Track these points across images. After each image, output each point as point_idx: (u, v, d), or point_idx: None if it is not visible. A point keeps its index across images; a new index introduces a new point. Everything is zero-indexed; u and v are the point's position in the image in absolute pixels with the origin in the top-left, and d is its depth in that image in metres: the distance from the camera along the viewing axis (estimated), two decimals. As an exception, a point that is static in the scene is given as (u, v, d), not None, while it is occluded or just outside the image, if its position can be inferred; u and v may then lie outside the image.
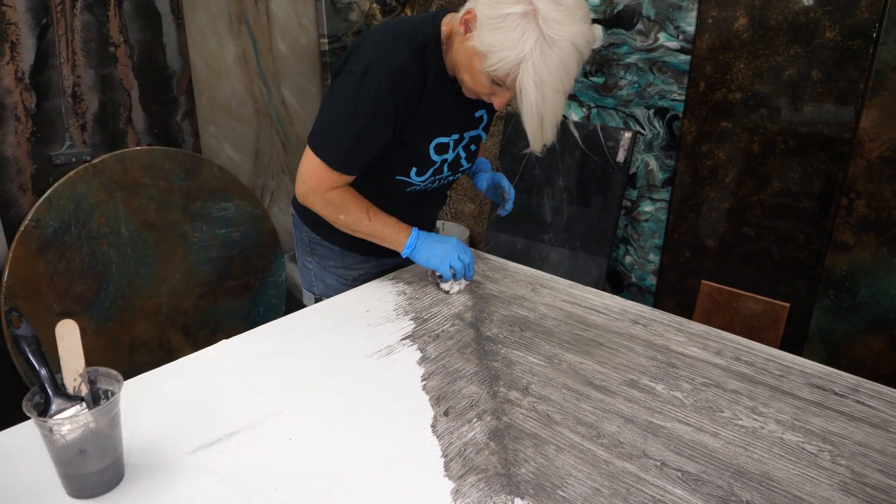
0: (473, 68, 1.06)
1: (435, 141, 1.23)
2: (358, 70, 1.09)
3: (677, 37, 2.17)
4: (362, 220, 1.22)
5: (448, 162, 1.28)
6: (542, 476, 0.78)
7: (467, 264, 1.25)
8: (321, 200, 1.20)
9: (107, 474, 0.74)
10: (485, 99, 1.14)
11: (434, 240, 1.25)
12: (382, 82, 1.08)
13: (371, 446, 0.83)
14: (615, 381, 0.99)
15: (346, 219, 1.21)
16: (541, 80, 0.97)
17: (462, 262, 1.24)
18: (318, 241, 1.41)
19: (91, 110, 2.08)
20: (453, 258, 1.23)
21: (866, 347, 1.97)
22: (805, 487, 0.77)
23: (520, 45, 0.97)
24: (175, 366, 1.00)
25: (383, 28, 1.15)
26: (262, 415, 0.88)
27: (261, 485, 0.76)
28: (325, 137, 1.15)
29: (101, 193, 2.06)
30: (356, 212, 1.21)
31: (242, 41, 2.55)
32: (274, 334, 1.11)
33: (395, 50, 1.10)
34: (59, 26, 1.94)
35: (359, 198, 1.22)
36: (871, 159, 1.85)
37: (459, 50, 1.10)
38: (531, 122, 1.02)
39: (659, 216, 2.40)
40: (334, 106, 1.13)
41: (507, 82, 1.02)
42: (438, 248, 1.23)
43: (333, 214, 1.22)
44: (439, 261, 1.23)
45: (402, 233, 1.24)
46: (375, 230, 1.23)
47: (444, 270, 1.24)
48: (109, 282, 2.13)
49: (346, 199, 1.21)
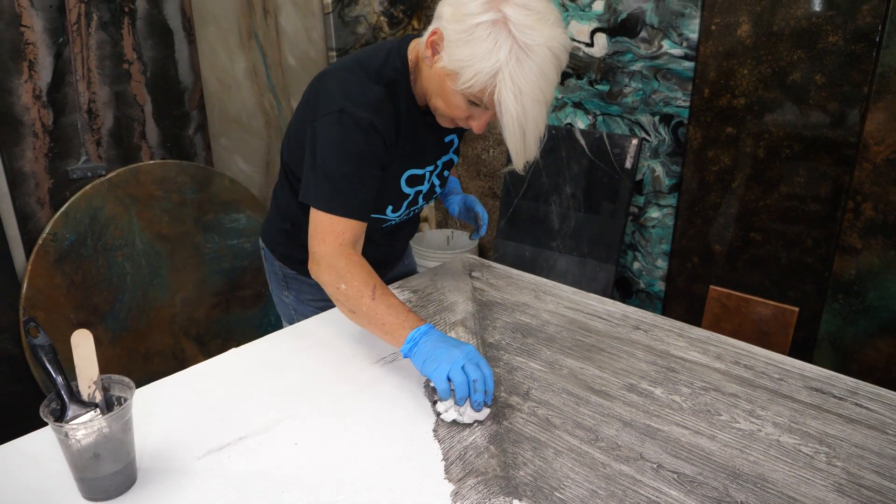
0: (446, 91, 0.99)
1: (407, 174, 1.16)
2: (333, 109, 1.02)
3: (681, 44, 2.18)
4: (364, 296, 0.98)
5: (423, 193, 1.22)
6: (540, 478, 0.80)
7: (473, 381, 0.88)
8: (325, 265, 1.03)
9: (120, 477, 0.77)
10: (461, 125, 1.06)
11: (442, 340, 0.94)
12: (363, 115, 1.01)
13: (374, 450, 0.85)
14: (615, 386, 1.00)
15: (347, 289, 1.00)
16: (519, 90, 0.91)
17: (466, 376, 0.89)
18: (293, 276, 1.33)
19: (106, 126, 2.13)
20: (455, 368, 0.89)
21: (876, 351, 1.96)
22: (800, 488, 0.78)
23: (493, 55, 0.90)
24: (186, 373, 1.03)
25: (345, 65, 1.08)
26: (269, 420, 0.91)
27: (268, 488, 0.78)
28: (323, 188, 1.03)
29: (115, 207, 2.11)
30: (359, 284, 0.99)
31: (252, 55, 2.60)
32: (282, 342, 1.14)
33: (364, 86, 1.04)
34: (74, 45, 2.00)
35: (368, 270, 1.02)
36: (877, 162, 1.85)
37: (429, 75, 1.03)
38: (513, 136, 0.95)
39: (666, 222, 2.41)
40: (322, 153, 1.03)
41: (485, 99, 0.95)
42: (443, 351, 0.91)
43: (334, 283, 1.01)
44: (436, 367, 0.90)
45: (408, 323, 0.96)
46: (376, 313, 0.97)
47: (439, 382, 0.89)
48: (124, 293, 2.17)
49: (351, 267, 1.01)
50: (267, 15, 2.62)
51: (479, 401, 0.89)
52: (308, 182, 1.06)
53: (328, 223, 1.03)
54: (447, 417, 0.91)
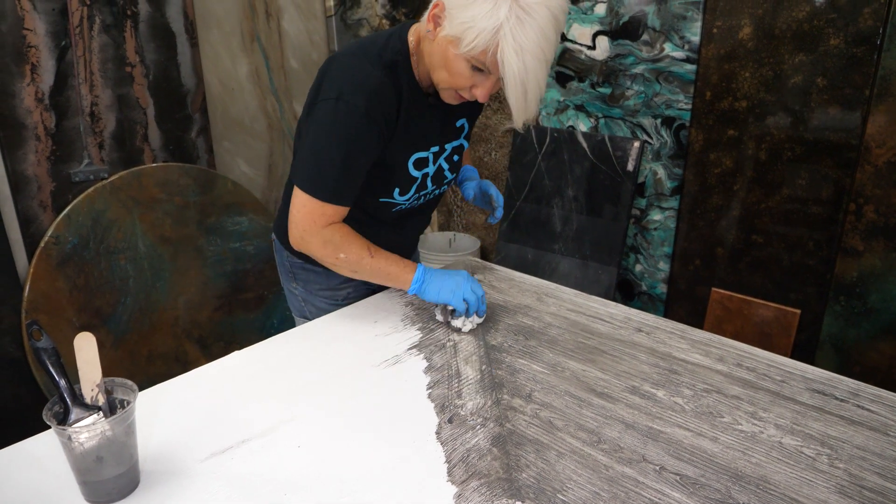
0: (449, 59, 1.03)
1: (413, 157, 1.20)
2: (332, 96, 1.06)
3: (683, 47, 2.19)
4: (364, 258, 1.15)
5: (430, 176, 1.25)
6: (543, 481, 0.80)
7: (480, 297, 1.17)
8: (318, 241, 1.14)
9: (123, 480, 0.77)
10: (466, 96, 1.09)
11: (442, 273, 1.18)
12: (358, 104, 1.05)
13: (377, 452, 0.85)
14: (617, 388, 1.00)
15: (347, 257, 1.14)
16: (521, 47, 0.95)
17: (475, 293, 1.16)
18: (300, 265, 1.36)
19: (108, 129, 2.14)
20: (466, 290, 1.15)
21: (879, 353, 1.96)
22: (802, 490, 0.78)
23: (494, 14, 0.95)
24: (189, 376, 1.03)
25: (350, 51, 1.13)
26: (272, 422, 0.91)
27: (271, 490, 0.78)
28: (311, 172, 1.11)
29: (118, 210, 2.12)
30: (357, 249, 1.15)
31: (255, 59, 2.61)
32: (285, 345, 1.14)
33: (364, 72, 1.07)
34: (77, 48, 2.01)
35: (357, 235, 1.17)
36: (879, 165, 1.85)
37: (431, 50, 1.07)
38: (515, 92, 0.99)
39: (668, 224, 2.41)
40: (314, 138, 1.10)
41: (487, 60, 0.99)
42: (449, 280, 1.16)
43: (332, 254, 1.15)
44: (451, 293, 1.15)
45: (408, 268, 1.17)
46: (379, 267, 1.16)
47: (458, 303, 1.15)
48: (127, 296, 2.18)
49: (344, 236, 1.15)
50: (269, 18, 2.63)
51: (483, 309, 1.19)
52: (298, 162, 1.14)
53: (316, 208, 1.11)
54: (466, 328, 1.18)
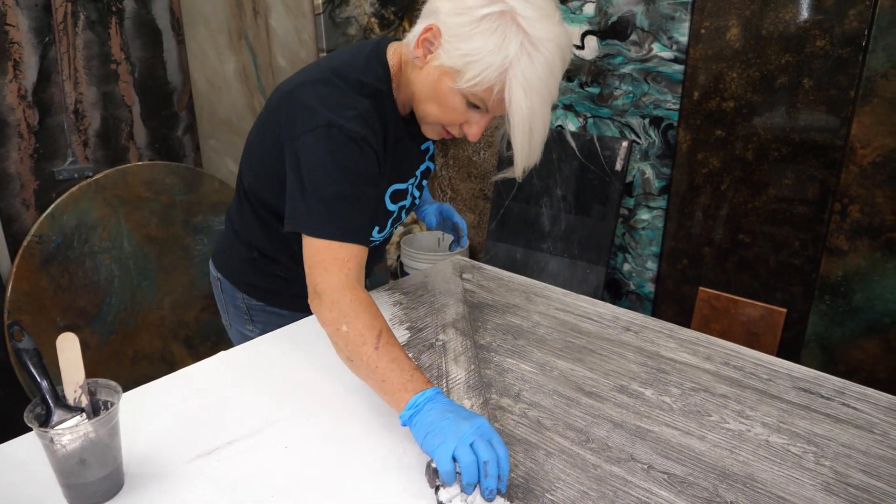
0: (442, 92, 0.92)
1: (391, 189, 1.08)
2: (320, 124, 0.91)
3: (671, 47, 2.20)
4: (366, 343, 0.85)
5: (406, 208, 1.15)
6: (531, 480, 0.80)
7: (484, 462, 0.73)
8: (329, 299, 0.88)
9: (107, 483, 0.76)
10: (453, 132, 0.98)
11: (450, 409, 0.79)
12: (354, 128, 0.92)
13: (365, 453, 0.85)
14: (605, 387, 1.00)
15: (349, 332, 0.86)
16: (530, 85, 0.85)
17: (476, 455, 0.73)
18: (260, 307, 1.22)
19: (93, 126, 2.12)
20: (462, 445, 0.74)
21: (863, 352, 1.98)
22: (788, 488, 0.79)
23: (503, 49, 0.85)
24: (174, 377, 1.02)
25: (321, 77, 0.97)
26: (259, 423, 0.90)
27: (258, 492, 0.78)
28: (318, 213, 0.91)
29: (103, 208, 2.10)
30: (362, 328, 0.86)
31: (242, 56, 2.59)
32: (272, 345, 1.13)
33: (350, 99, 0.94)
34: (61, 44, 1.98)
35: (375, 313, 0.89)
36: (863, 165, 1.86)
37: (417, 78, 0.95)
38: (522, 136, 0.88)
39: (656, 224, 2.42)
40: (310, 173, 0.91)
41: (491, 97, 0.89)
42: (449, 423, 0.76)
43: (336, 322, 0.87)
44: (440, 443, 0.75)
45: (411, 385, 0.82)
46: (377, 367, 0.84)
47: (443, 462, 0.74)
48: (112, 295, 2.16)
49: (357, 303, 0.88)
50: (257, 15, 2.61)
51: (490, 487, 0.74)
52: (297, 208, 0.93)
53: (329, 251, 0.90)
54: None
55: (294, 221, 0.94)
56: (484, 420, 0.77)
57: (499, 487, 0.75)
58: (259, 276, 1.21)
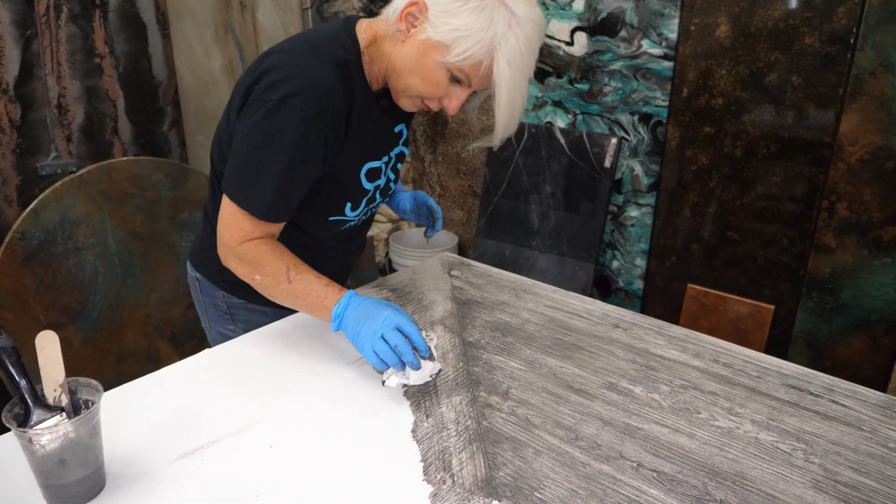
0: (427, 65, 0.94)
1: (366, 167, 1.09)
2: (274, 97, 0.92)
3: (660, 44, 2.19)
4: (280, 283, 0.97)
5: (381, 188, 1.15)
6: (520, 479, 0.79)
7: (395, 346, 0.89)
8: (234, 258, 1.00)
9: (87, 483, 0.74)
10: (432, 106, 1.01)
11: (362, 312, 0.93)
12: (306, 108, 0.92)
13: (351, 452, 0.84)
14: (594, 385, 1.00)
15: (263, 280, 0.98)
16: (514, 62, 0.91)
17: (387, 343, 0.89)
18: (242, 305, 1.21)
19: (77, 121, 2.09)
20: (375, 341, 0.90)
21: (849, 348, 1.99)
22: (778, 486, 0.79)
23: (493, 26, 0.90)
24: (158, 375, 1.01)
25: (292, 46, 0.99)
26: (244, 422, 0.89)
27: (242, 492, 0.76)
28: (244, 181, 0.96)
29: (87, 204, 2.07)
30: (273, 270, 0.97)
31: (229, 51, 2.56)
32: (257, 343, 1.12)
33: (314, 71, 0.94)
34: (43, 38, 1.95)
35: (279, 252, 0.99)
36: (851, 163, 1.87)
37: (398, 52, 0.97)
38: (504, 108, 0.94)
39: (645, 221, 2.42)
40: (250, 142, 0.95)
41: (478, 73, 0.93)
42: (363, 325, 0.92)
43: (249, 275, 0.99)
44: (361, 345, 0.92)
45: (330, 297, 0.95)
46: (297, 294, 0.96)
47: (369, 358, 0.91)
48: (96, 293, 2.13)
49: (260, 255, 0.98)
50: (244, 10, 2.58)
51: (409, 360, 0.89)
52: (230, 170, 0.98)
53: (245, 222, 0.98)
54: (392, 383, 0.92)
55: (225, 181, 0.99)
56: (389, 311, 0.92)
57: (421, 355, 0.91)
58: None
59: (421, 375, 0.92)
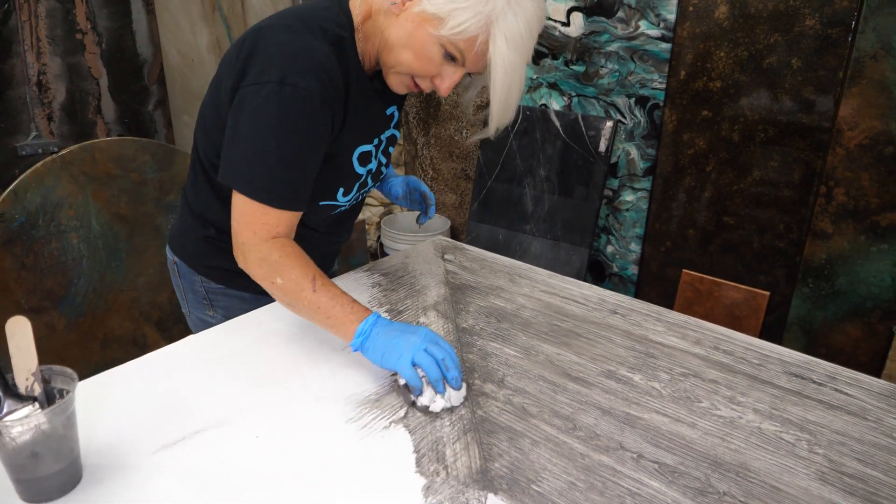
0: (419, 40, 0.89)
1: (358, 150, 1.04)
2: (272, 79, 0.87)
3: (658, 24, 2.15)
4: (304, 289, 0.90)
5: (372, 172, 1.11)
6: (516, 470, 0.76)
7: (441, 360, 0.86)
8: (255, 257, 0.92)
9: (62, 477, 0.71)
10: (423, 86, 0.96)
11: (394, 328, 0.89)
12: (310, 86, 0.87)
13: (341, 442, 0.80)
14: (592, 372, 0.97)
15: (284, 284, 0.91)
16: (513, 41, 0.85)
17: (432, 356, 0.85)
18: (221, 290, 1.17)
19: (58, 100, 2.02)
20: (418, 352, 0.85)
21: (844, 335, 1.98)
22: (782, 478, 0.76)
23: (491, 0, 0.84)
24: (139, 362, 0.97)
25: (283, 22, 0.93)
26: (229, 412, 0.85)
27: (226, 484, 0.73)
28: (254, 171, 0.90)
29: (69, 186, 2.01)
30: (297, 276, 0.91)
31: (216, 29, 2.49)
32: (244, 329, 1.08)
33: (310, 48, 0.89)
34: (21, 12, 1.88)
35: (304, 259, 0.93)
36: (850, 148, 1.84)
37: (392, 25, 0.92)
38: (500, 91, 0.88)
39: (640, 205, 2.39)
40: (254, 129, 0.89)
41: (472, 50, 0.87)
42: (399, 339, 0.87)
43: (268, 277, 0.92)
44: (398, 357, 0.86)
45: (355, 315, 0.90)
46: (320, 305, 0.90)
47: (406, 371, 0.85)
48: (80, 276, 2.08)
49: (285, 257, 0.92)
50: (231, -14, 2.51)
51: (455, 376, 0.85)
52: (233, 161, 0.91)
53: (259, 213, 0.91)
54: (436, 408, 0.85)
55: (229, 174, 0.92)
56: (426, 328, 0.89)
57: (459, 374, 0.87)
58: (217, 257, 1.13)
59: (459, 397, 0.87)
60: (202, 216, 1.12)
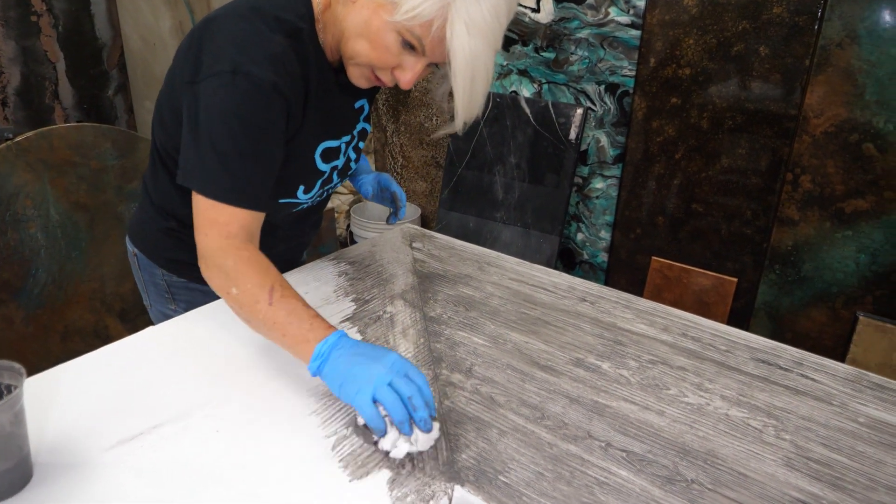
0: (375, 27, 0.82)
1: (321, 147, 0.99)
2: (225, 69, 0.81)
3: (628, 11, 2.14)
4: (258, 302, 0.81)
5: (338, 169, 1.06)
6: (483, 461, 0.75)
7: (408, 398, 0.72)
8: (212, 264, 0.85)
9: (11, 476, 0.68)
10: (384, 79, 0.89)
11: (358, 353, 0.77)
12: (263, 76, 0.82)
13: (303, 436, 0.78)
14: (561, 361, 0.96)
15: (238, 295, 0.82)
16: (475, 26, 0.77)
17: (397, 392, 0.73)
18: (183, 284, 1.12)
19: (12, 84, 1.94)
20: (380, 387, 0.73)
21: (810, 320, 2.01)
22: (750, 464, 0.76)
23: None
24: (94, 355, 0.93)
25: (236, 11, 0.87)
26: (188, 405, 0.83)
27: (185, 481, 0.70)
28: (208, 167, 0.84)
29: (26, 174, 1.94)
30: (253, 286, 0.81)
31: (179, 12, 2.42)
32: (204, 320, 1.04)
33: (263, 38, 0.84)
34: (-29, -8, 1.80)
35: (264, 268, 0.84)
36: (816, 135, 1.87)
37: (349, 13, 0.85)
38: (462, 81, 0.80)
39: (610, 193, 2.40)
40: (207, 124, 0.83)
41: (430, 35, 0.80)
42: (361, 368, 0.74)
43: (224, 287, 0.84)
44: (356, 391, 0.73)
45: (313, 333, 0.79)
46: (275, 322, 0.80)
47: (364, 409, 0.73)
48: (38, 267, 2.01)
49: (242, 265, 0.83)
50: (194, -32, 2.44)
51: (423, 417, 0.72)
52: (189, 160, 0.86)
53: (211, 212, 0.84)
54: (398, 454, 0.73)
55: (185, 174, 0.86)
56: (395, 355, 0.76)
57: (431, 414, 0.74)
58: (179, 249, 1.09)
59: (428, 440, 0.75)
60: (162, 207, 1.08)
